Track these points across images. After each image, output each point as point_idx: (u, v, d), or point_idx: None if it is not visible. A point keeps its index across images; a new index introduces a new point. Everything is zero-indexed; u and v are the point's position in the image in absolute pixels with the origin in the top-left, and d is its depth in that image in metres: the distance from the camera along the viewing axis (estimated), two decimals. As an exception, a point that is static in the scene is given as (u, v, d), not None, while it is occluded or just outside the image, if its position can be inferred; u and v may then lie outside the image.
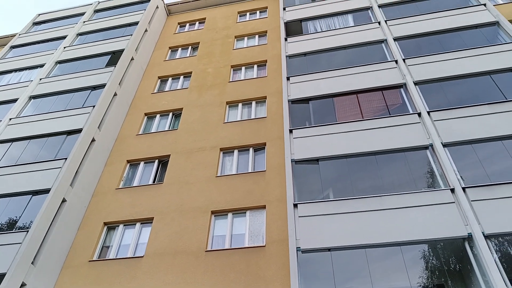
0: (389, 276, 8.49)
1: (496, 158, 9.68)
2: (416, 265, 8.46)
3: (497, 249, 8.06)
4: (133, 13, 21.04)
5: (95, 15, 22.78)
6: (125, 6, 22.51)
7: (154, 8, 21.73)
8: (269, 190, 11.64)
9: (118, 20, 20.90)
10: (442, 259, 8.49)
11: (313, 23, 16.10)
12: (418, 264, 8.48)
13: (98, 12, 22.93)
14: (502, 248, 8.13)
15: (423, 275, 8.30)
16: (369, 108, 11.90)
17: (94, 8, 23.06)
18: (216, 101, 15.46)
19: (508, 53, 12.07)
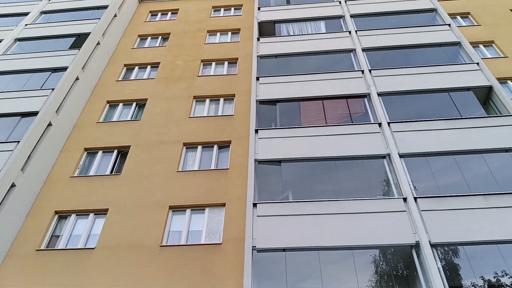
0: (340, 278, 8.73)
1: (448, 171, 10.19)
2: (366, 269, 8.75)
3: (441, 258, 8.48)
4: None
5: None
6: (95, -12, 21.71)
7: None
8: (230, 188, 11.62)
9: (86, 1, 20.13)
10: (392, 264, 8.82)
11: (286, 26, 16.25)
12: (368, 268, 8.77)
13: (66, -9, 21.98)
14: (446, 257, 8.56)
15: (372, 279, 8.60)
16: (334, 114, 12.16)
17: (61, -13, 22.07)
18: (183, 94, 15.24)
19: (467, 73, 12.74)
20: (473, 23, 18.15)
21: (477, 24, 17.83)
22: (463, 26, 17.77)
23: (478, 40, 16.80)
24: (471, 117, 11.17)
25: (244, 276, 8.37)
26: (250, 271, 8.43)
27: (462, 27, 17.69)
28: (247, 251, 8.74)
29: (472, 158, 10.25)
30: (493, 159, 10.21)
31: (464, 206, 9.07)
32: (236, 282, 9.40)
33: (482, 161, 10.19)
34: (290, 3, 17.85)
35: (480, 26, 17.63)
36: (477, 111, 11.72)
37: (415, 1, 16.75)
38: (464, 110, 11.67)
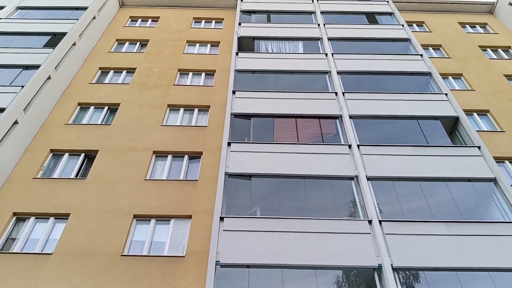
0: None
1: (413, 196, 10.45)
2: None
3: (403, 282, 8.61)
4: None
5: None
6: (75, -12, 21.36)
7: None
8: (198, 200, 11.49)
9: (65, 1, 19.78)
10: (354, 286, 8.86)
11: (265, 43, 16.45)
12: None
13: (45, -11, 21.51)
14: (408, 282, 8.69)
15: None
16: (306, 133, 12.31)
17: (40, -16, 21.60)
18: (157, 102, 15.07)
19: (436, 102, 13.21)
20: (444, 55, 18.99)
21: (447, 57, 18.66)
22: (434, 58, 18.56)
23: (447, 72, 17.56)
24: (437, 146, 11.55)
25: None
26: (212, 286, 8.26)
27: (433, 58, 18.48)
28: (210, 266, 8.58)
29: (437, 185, 10.56)
30: (456, 187, 10.55)
31: (427, 232, 9.28)
32: (197, 297, 9.23)
33: (446, 188, 10.51)
34: (270, 21, 18.14)
35: (450, 59, 18.46)
36: (444, 140, 12.14)
37: (391, 30, 17.37)
38: (431, 138, 12.06)
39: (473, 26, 21.83)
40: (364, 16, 18.80)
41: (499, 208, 10.22)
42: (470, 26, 21.80)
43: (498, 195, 10.40)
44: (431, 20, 21.67)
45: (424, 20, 21.63)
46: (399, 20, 18.22)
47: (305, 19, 18.47)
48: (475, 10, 22.71)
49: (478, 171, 10.82)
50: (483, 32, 21.23)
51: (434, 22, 21.55)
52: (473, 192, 10.56)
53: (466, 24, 21.79)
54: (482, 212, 10.43)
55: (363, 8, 19.29)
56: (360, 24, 17.68)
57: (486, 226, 9.44)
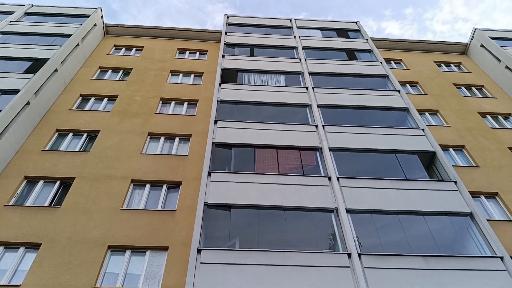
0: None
1: (391, 230, 10.48)
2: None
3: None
4: (67, 24, 20.20)
5: (25, 17, 21.40)
6: (60, 16, 21.56)
7: (92, 25, 21.05)
8: (175, 231, 11.23)
9: (49, 28, 19.85)
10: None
11: (248, 75, 16.74)
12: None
13: (30, 15, 21.61)
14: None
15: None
16: (286, 164, 12.35)
17: (25, 10, 21.69)
18: (137, 130, 14.96)
19: (413, 137, 13.53)
20: (421, 92, 19.66)
21: (424, 94, 19.32)
22: (411, 94, 19.19)
23: (424, 108, 18.14)
24: (415, 179, 11.74)
25: (180, 326, 7.88)
26: (187, 321, 7.96)
27: (410, 94, 19.10)
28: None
29: (414, 219, 10.64)
30: (433, 221, 10.65)
31: (405, 266, 9.25)
32: (171, 333, 8.85)
33: (424, 222, 10.60)
34: (253, 54, 18.55)
35: (427, 96, 19.11)
36: (421, 173, 12.36)
37: (370, 66, 17.96)
38: (409, 172, 12.27)
39: (448, 65, 22.81)
40: (344, 53, 19.44)
41: (475, 243, 10.33)
42: (445, 65, 22.78)
43: (474, 229, 10.53)
44: (408, 58, 22.56)
45: (402, 58, 22.51)
46: (378, 57, 18.89)
47: (287, 53, 18.97)
48: (450, 50, 23.82)
49: (455, 205, 10.98)
50: (457, 71, 22.18)
51: (411, 60, 22.44)
52: (450, 226, 10.68)
53: (441, 63, 22.77)
54: (459, 246, 10.53)
55: (343, 45, 19.98)
56: (340, 60, 18.25)
57: (464, 260, 9.49)
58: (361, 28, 22.14)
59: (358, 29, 22.18)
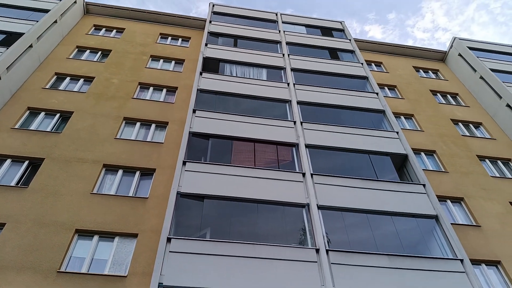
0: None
1: (360, 228, 10.71)
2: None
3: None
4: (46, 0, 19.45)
5: (0, -12, 20.48)
6: (39, -10, 20.71)
7: (72, 2, 20.36)
8: (146, 218, 11.11)
9: (26, 1, 19.08)
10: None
11: (230, 67, 16.63)
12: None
13: (5, -14, 20.68)
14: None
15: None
16: (263, 158, 12.40)
17: (1, -19, 20.75)
18: (113, 113, 14.66)
19: (387, 139, 13.82)
20: (398, 95, 20.06)
21: (401, 97, 19.72)
22: (389, 97, 19.55)
23: (400, 111, 18.53)
24: (386, 181, 12.01)
25: (145, 314, 7.84)
26: (152, 309, 7.92)
27: (388, 97, 19.45)
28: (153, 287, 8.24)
29: (382, 219, 10.91)
30: (400, 222, 10.96)
31: (370, 264, 9.49)
32: (135, 320, 8.79)
33: (391, 222, 10.88)
34: (237, 45, 18.43)
35: (404, 100, 19.51)
36: (392, 175, 12.66)
37: (351, 67, 18.17)
38: (381, 172, 12.54)
39: (426, 71, 23.34)
40: (327, 51, 19.58)
41: (438, 245, 10.70)
42: (423, 71, 23.30)
43: (438, 232, 10.89)
44: (388, 62, 22.94)
45: (383, 61, 22.87)
46: (359, 58, 19.13)
47: (271, 47, 18.94)
48: (429, 57, 24.37)
49: (422, 208, 11.32)
50: (434, 77, 22.73)
51: (391, 63, 22.83)
52: (416, 228, 11.01)
53: (420, 68, 23.28)
54: (423, 247, 10.88)
55: (326, 43, 20.12)
56: (322, 58, 18.37)
57: (426, 261, 9.81)
58: (345, 28, 22.34)
59: (342, 29, 22.36)
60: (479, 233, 12.97)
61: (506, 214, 13.87)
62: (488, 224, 13.32)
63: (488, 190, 14.79)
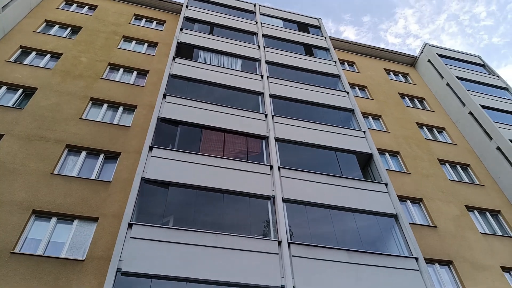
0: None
1: (322, 223, 10.93)
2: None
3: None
4: (14, -32, 18.41)
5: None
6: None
7: (42, -26, 19.39)
8: (108, 203, 10.86)
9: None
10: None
11: (205, 54, 16.41)
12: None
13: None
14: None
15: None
16: (232, 148, 12.37)
17: None
18: (79, 93, 14.16)
19: (354, 138, 14.10)
20: (368, 96, 20.49)
21: (370, 98, 20.15)
22: (359, 97, 19.93)
23: (368, 111, 18.94)
24: (350, 178, 12.27)
25: (101, 299, 7.69)
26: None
27: (358, 97, 19.83)
28: (111, 272, 8.08)
29: (344, 215, 11.17)
30: (361, 218, 11.25)
31: (330, 258, 9.71)
32: (91, 305, 8.62)
33: (352, 219, 11.16)
34: (213, 33, 18.20)
35: (373, 101, 19.95)
36: (356, 173, 12.96)
37: (324, 64, 18.35)
38: (345, 170, 12.81)
39: (396, 74, 23.95)
40: (302, 47, 19.67)
41: (396, 243, 11.08)
42: (394, 73, 23.89)
43: (397, 230, 11.27)
44: (361, 62, 23.35)
45: (355, 61, 23.25)
46: (333, 56, 19.34)
47: (247, 38, 18.82)
48: (400, 60, 24.99)
49: (383, 206, 11.66)
50: (404, 81, 23.36)
51: (364, 64, 23.26)
52: (375, 225, 11.35)
53: (390, 71, 23.85)
54: (381, 244, 11.24)
55: (302, 39, 20.20)
56: (297, 53, 18.45)
57: (383, 258, 10.14)
58: (321, 26, 22.50)
59: (319, 26, 22.52)
60: (435, 233, 13.53)
61: (461, 217, 14.53)
62: (443, 226, 13.92)
63: (446, 193, 15.43)
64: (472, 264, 12.81)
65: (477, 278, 12.37)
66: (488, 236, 14.12)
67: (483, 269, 12.73)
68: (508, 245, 14.00)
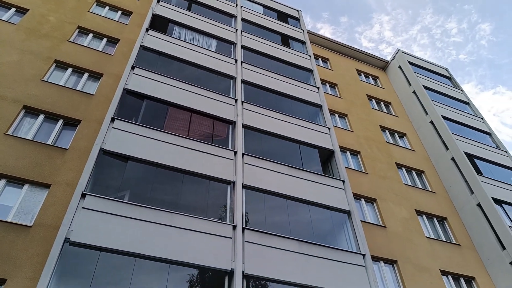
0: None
1: (278, 212, 11.10)
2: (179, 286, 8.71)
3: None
4: None
5: None
6: None
7: None
8: (62, 170, 10.50)
9: None
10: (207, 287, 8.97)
11: (180, 30, 16.02)
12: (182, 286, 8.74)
13: None
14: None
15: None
16: (198, 130, 12.24)
17: None
18: (44, 53, 13.48)
19: (319, 133, 14.33)
20: (337, 94, 20.83)
21: (339, 96, 20.50)
22: (328, 94, 20.23)
23: (336, 109, 19.28)
24: (310, 171, 12.50)
25: (46, 266, 7.47)
26: (54, 262, 7.56)
27: (327, 94, 20.12)
28: (58, 241, 7.85)
29: (300, 206, 11.40)
30: (316, 211, 11.53)
31: (281, 246, 9.91)
32: (34, 273, 8.39)
33: (308, 211, 11.41)
34: (191, 10, 17.78)
35: (341, 99, 20.31)
36: (317, 167, 13.21)
37: (299, 57, 18.41)
38: (307, 163, 13.03)
39: (367, 76, 24.46)
40: (279, 37, 19.62)
41: (346, 238, 11.45)
42: (365, 75, 24.38)
43: (348, 226, 11.64)
44: (335, 60, 23.65)
45: (330, 58, 23.51)
46: (309, 50, 19.45)
47: (225, 20, 18.53)
48: (372, 63, 25.53)
49: (338, 202, 11.99)
50: (373, 84, 23.91)
51: (337, 62, 23.57)
52: (328, 219, 11.66)
53: (362, 72, 24.32)
54: (331, 238, 11.57)
55: (280, 28, 20.14)
56: (274, 43, 18.39)
57: (332, 251, 10.46)
58: (301, 18, 22.52)
59: (298, 18, 22.52)
60: (384, 233, 14.10)
61: (410, 220, 15.20)
62: (392, 226, 14.52)
63: (399, 196, 16.07)
64: (415, 265, 13.48)
65: (418, 279, 13.04)
66: (432, 240, 14.87)
67: (424, 271, 13.44)
68: (449, 250, 14.83)
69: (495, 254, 14.72)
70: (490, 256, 14.89)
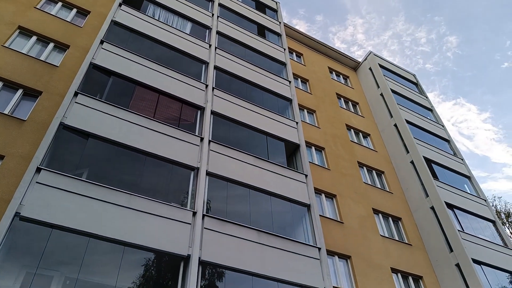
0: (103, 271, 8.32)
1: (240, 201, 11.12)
2: (133, 269, 8.56)
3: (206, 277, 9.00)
4: None
5: None
6: None
7: None
8: (18, 142, 10.01)
9: None
10: (162, 272, 8.87)
11: (154, 8, 15.57)
12: (136, 269, 8.60)
13: None
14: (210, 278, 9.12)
15: (136, 281, 8.42)
16: (165, 112, 11.99)
17: None
18: (7, 18, 12.73)
19: (287, 127, 14.42)
20: (308, 90, 21.02)
21: (309, 92, 20.70)
22: (299, 89, 20.37)
23: (305, 105, 19.47)
24: (274, 163, 12.58)
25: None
26: (1, 238, 7.21)
27: (298, 89, 20.26)
28: (8, 215, 7.50)
29: (262, 197, 11.47)
30: (277, 203, 11.65)
31: (240, 235, 9.94)
32: (-22, 247, 7.94)
33: (269, 202, 11.50)
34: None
35: (311, 95, 20.52)
36: (281, 159, 13.32)
37: (274, 49, 18.38)
38: (272, 155, 13.10)
39: (338, 75, 24.82)
40: (256, 26, 19.49)
41: (304, 231, 11.66)
42: (336, 74, 24.73)
43: (307, 219, 11.85)
44: (309, 55, 23.81)
45: (304, 53, 23.64)
46: (284, 43, 19.45)
47: (202, 3, 18.15)
48: (344, 62, 25.91)
49: (299, 195, 12.16)
50: (343, 83, 24.30)
51: (311, 58, 23.75)
52: (289, 212, 11.82)
53: (333, 71, 24.65)
54: (290, 230, 11.74)
55: (258, 18, 20.00)
56: (250, 32, 18.25)
57: (289, 243, 10.62)
58: (278, 10, 22.45)
59: (276, 10, 22.43)
60: (341, 228, 14.46)
61: (366, 218, 15.67)
62: (349, 223, 14.91)
63: (358, 194, 16.50)
64: (367, 261, 13.94)
65: (369, 275, 13.50)
66: (386, 239, 15.41)
67: (376, 268, 13.92)
68: (401, 249, 15.43)
69: (443, 255, 15.47)
70: (439, 257, 15.63)
